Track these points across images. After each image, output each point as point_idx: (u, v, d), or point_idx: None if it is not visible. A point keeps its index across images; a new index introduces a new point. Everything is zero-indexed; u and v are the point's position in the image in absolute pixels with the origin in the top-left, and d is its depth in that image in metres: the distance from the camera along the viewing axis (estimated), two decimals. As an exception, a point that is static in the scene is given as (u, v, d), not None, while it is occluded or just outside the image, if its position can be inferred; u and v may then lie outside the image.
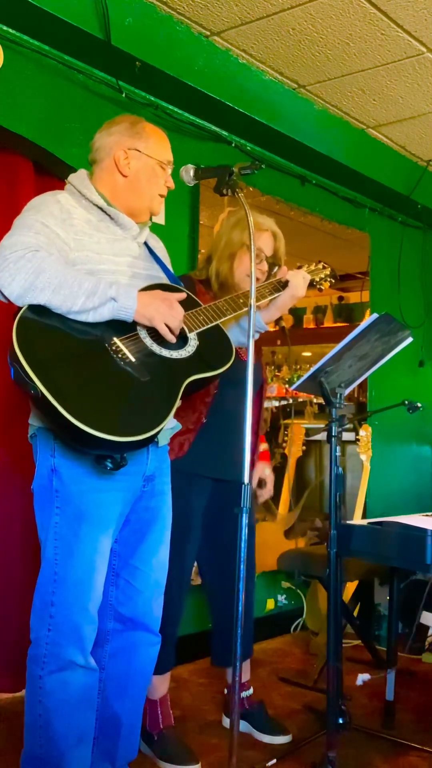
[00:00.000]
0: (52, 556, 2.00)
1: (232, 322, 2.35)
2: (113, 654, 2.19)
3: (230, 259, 2.57)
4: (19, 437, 2.83)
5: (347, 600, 3.76)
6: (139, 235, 2.17)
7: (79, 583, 1.98)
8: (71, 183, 2.14)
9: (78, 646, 1.99)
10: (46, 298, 1.86)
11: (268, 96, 3.63)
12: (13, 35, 2.78)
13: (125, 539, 2.16)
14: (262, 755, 2.59)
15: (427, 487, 4.98)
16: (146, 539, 2.17)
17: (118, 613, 2.19)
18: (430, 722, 2.93)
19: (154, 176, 2.14)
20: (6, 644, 2.85)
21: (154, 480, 2.16)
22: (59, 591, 1.98)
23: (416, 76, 3.59)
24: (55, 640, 1.98)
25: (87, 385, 1.88)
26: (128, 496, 2.08)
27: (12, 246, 1.87)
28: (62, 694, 1.98)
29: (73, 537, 1.98)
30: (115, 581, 2.17)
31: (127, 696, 2.20)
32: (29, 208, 2.03)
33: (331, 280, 2.65)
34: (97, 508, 2.00)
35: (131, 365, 1.95)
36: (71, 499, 1.99)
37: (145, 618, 2.18)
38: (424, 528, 2.31)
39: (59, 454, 1.99)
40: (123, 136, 2.12)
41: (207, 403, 2.52)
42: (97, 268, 2.01)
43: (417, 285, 4.91)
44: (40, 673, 1.98)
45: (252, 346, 1.98)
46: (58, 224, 1.98)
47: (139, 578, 2.17)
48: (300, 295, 2.46)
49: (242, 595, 1.91)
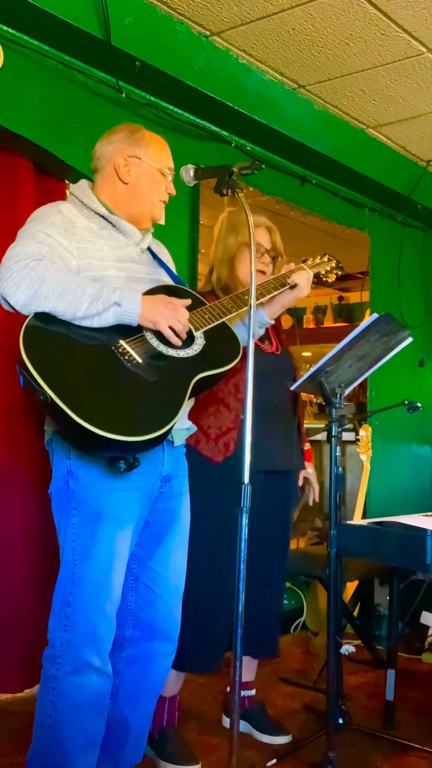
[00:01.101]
0: (71, 557, 2.01)
1: (236, 321, 2.36)
2: (129, 661, 2.19)
3: (230, 262, 2.62)
4: (23, 440, 2.85)
5: (347, 600, 3.76)
6: (142, 241, 2.18)
7: (95, 583, 1.99)
8: (73, 193, 2.16)
9: (94, 648, 1.99)
10: (50, 305, 1.89)
11: (268, 96, 3.63)
12: (13, 35, 2.78)
13: (144, 542, 2.16)
14: (262, 755, 2.59)
15: (427, 487, 4.98)
16: (164, 542, 2.18)
17: (138, 618, 2.19)
18: (430, 722, 2.93)
19: (155, 183, 2.16)
20: (7, 645, 2.85)
21: (171, 481, 2.17)
22: (76, 591, 1.99)
23: (416, 76, 3.59)
24: (71, 641, 1.98)
25: (96, 388, 1.90)
26: (145, 497, 2.09)
27: (15, 256, 1.90)
28: (74, 698, 1.98)
29: (90, 537, 1.99)
30: (135, 586, 2.18)
31: (138, 703, 2.20)
32: (32, 219, 2.06)
33: (338, 272, 2.67)
34: (113, 507, 2.01)
35: (138, 366, 1.96)
36: (88, 499, 2.00)
37: (164, 623, 2.18)
38: (424, 528, 2.31)
39: (75, 456, 2.01)
40: (123, 143, 2.14)
41: (240, 399, 2.53)
42: (101, 275, 2.03)
43: (417, 285, 4.91)
44: (54, 674, 1.99)
45: (252, 344, 1.98)
46: (60, 233, 2.00)
47: (158, 582, 2.17)
48: (304, 295, 2.48)
49: (242, 595, 1.91)
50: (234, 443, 2.53)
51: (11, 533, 2.87)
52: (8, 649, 2.85)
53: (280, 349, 2.74)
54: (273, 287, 2.43)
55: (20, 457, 2.85)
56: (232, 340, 2.21)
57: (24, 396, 1.94)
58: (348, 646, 2.39)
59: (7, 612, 2.85)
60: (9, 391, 2.79)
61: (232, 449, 2.52)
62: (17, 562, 2.87)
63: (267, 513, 2.62)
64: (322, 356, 2.47)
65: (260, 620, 2.68)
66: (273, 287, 2.43)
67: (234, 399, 2.55)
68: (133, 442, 1.86)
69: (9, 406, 2.84)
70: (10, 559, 2.86)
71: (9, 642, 2.86)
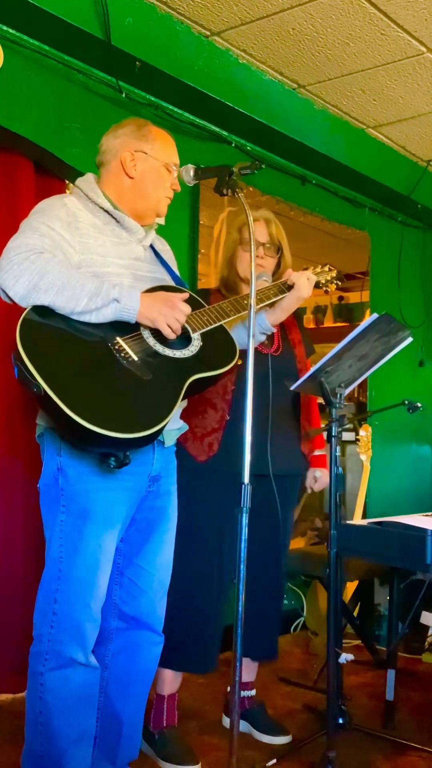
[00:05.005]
0: (57, 554, 2.01)
1: (237, 323, 2.36)
2: (116, 653, 2.20)
3: (230, 260, 2.65)
4: (22, 435, 2.84)
5: (347, 600, 3.76)
6: (145, 239, 2.18)
7: (82, 580, 2.00)
8: (79, 186, 2.15)
9: (79, 644, 2.00)
10: (49, 299, 1.88)
11: (268, 96, 3.63)
12: (13, 35, 2.78)
13: (130, 539, 2.17)
14: (262, 755, 2.59)
15: (427, 487, 4.98)
16: (151, 539, 2.18)
17: (122, 611, 2.19)
18: (430, 722, 2.93)
19: (160, 178, 2.16)
20: (8, 644, 2.85)
21: (160, 480, 2.17)
22: (62, 588, 1.99)
23: (416, 76, 3.59)
24: (57, 638, 1.99)
25: (90, 383, 1.89)
26: (134, 495, 2.09)
27: (17, 248, 1.90)
28: (63, 692, 1.99)
29: (78, 535, 1.99)
30: (120, 580, 2.18)
31: (129, 695, 2.21)
32: (36, 211, 2.05)
33: (338, 282, 2.67)
34: (102, 506, 2.01)
35: (134, 364, 1.96)
36: (77, 497, 2.00)
37: (148, 617, 2.19)
38: (424, 528, 2.31)
39: (65, 453, 2.01)
40: (129, 138, 2.14)
41: (227, 401, 2.54)
42: (102, 271, 2.03)
43: (417, 285, 4.91)
44: (41, 670, 1.99)
45: (252, 346, 1.98)
46: (63, 227, 2.00)
47: (143, 578, 2.18)
48: (305, 296, 2.47)
49: (242, 595, 1.91)
50: (218, 444, 2.53)
51: (11, 532, 2.87)
52: (8, 649, 2.85)
53: (281, 349, 2.72)
54: (273, 293, 2.43)
55: (19, 451, 2.84)
56: (228, 344, 2.20)
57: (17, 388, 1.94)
58: (347, 654, 2.39)
59: (6, 611, 2.85)
60: (9, 384, 2.78)
61: (216, 449, 2.53)
62: (17, 561, 2.87)
63: (262, 516, 2.60)
64: (322, 356, 2.47)
65: (259, 623, 2.68)
66: (273, 293, 2.43)
67: (221, 400, 2.55)
68: (125, 439, 1.86)
69: (8, 399, 2.83)
70: (9, 558, 2.86)
71: (10, 641, 2.86)
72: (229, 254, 2.66)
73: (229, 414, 2.54)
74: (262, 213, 2.67)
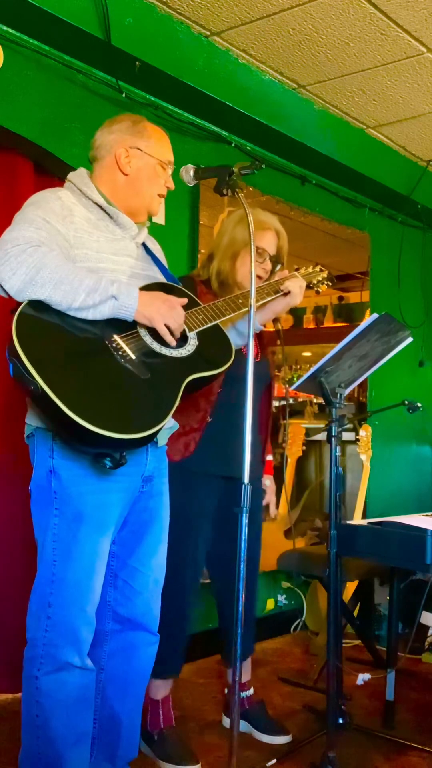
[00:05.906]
0: (51, 558, 1.99)
1: (227, 324, 2.34)
2: (112, 654, 2.18)
3: (233, 258, 2.57)
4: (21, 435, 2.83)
5: (347, 600, 3.76)
6: (138, 236, 2.16)
7: (77, 584, 1.98)
8: (71, 181, 2.12)
9: (75, 648, 1.98)
10: (46, 293, 1.84)
11: (268, 96, 3.63)
12: (13, 35, 2.78)
13: (123, 540, 2.15)
14: (262, 755, 2.59)
15: (427, 487, 4.98)
16: (145, 540, 2.16)
17: (117, 613, 2.18)
18: (430, 722, 2.93)
19: (155, 176, 2.14)
20: (7, 644, 2.85)
21: (153, 481, 2.15)
22: (57, 592, 1.97)
23: (416, 76, 3.59)
24: (52, 641, 1.97)
25: (87, 381, 1.86)
26: (127, 497, 2.07)
27: (14, 240, 1.85)
28: (59, 695, 1.97)
29: (72, 539, 1.97)
30: (114, 582, 2.17)
31: (126, 696, 2.20)
32: (30, 203, 2.01)
33: (328, 283, 2.67)
34: (97, 509, 1.99)
35: (131, 363, 1.94)
36: (70, 500, 1.97)
37: (144, 618, 2.18)
38: (424, 528, 2.31)
39: (58, 455, 1.98)
40: (125, 134, 2.11)
41: (211, 401, 2.52)
42: (97, 267, 2.00)
43: (417, 285, 4.91)
44: (36, 674, 1.98)
45: (252, 345, 1.98)
46: (59, 221, 1.96)
47: (137, 579, 2.16)
48: (296, 303, 2.47)
49: (242, 594, 1.91)
50: (195, 444, 2.50)
51: (10, 532, 2.87)
52: (8, 649, 2.85)
53: (260, 356, 2.70)
54: (266, 293, 2.42)
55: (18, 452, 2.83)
56: (225, 343, 2.19)
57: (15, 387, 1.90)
58: (364, 675, 2.39)
59: (6, 612, 2.85)
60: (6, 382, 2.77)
61: (192, 450, 2.50)
62: (15, 560, 2.87)
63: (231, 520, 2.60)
64: (322, 356, 2.47)
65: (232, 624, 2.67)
66: (266, 293, 2.42)
67: (205, 401, 2.52)
68: (124, 440, 1.83)
69: (5, 398, 2.82)
70: (8, 558, 2.86)
71: (9, 641, 2.85)
72: (234, 250, 2.57)
73: (210, 415, 2.52)
74: (274, 223, 2.62)
